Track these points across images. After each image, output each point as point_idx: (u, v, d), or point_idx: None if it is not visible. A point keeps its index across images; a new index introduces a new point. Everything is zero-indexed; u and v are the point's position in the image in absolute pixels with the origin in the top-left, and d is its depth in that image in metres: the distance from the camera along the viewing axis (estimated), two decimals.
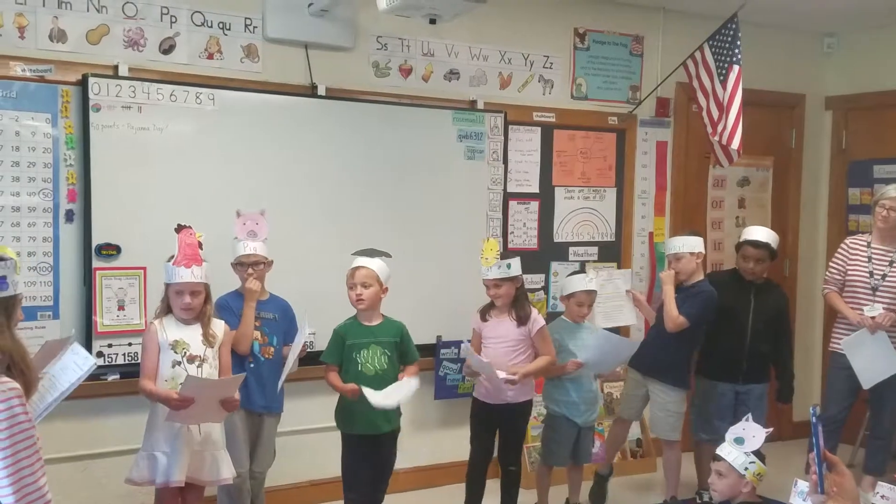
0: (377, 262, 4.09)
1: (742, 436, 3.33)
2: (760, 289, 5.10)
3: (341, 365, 4.08)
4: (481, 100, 5.29)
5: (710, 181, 6.26)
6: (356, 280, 4.06)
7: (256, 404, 4.13)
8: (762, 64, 5.98)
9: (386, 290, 4.12)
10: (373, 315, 4.12)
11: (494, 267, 4.37)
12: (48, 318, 4.19)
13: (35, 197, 4.14)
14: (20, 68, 4.08)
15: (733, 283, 5.12)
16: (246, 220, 4.09)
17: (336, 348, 4.09)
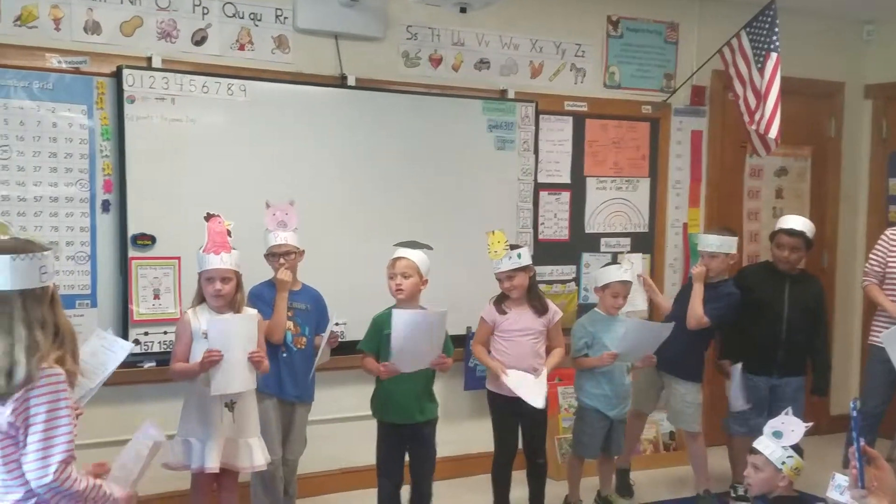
0: (418, 253, 4.10)
1: (781, 430, 3.31)
2: (796, 279, 5.02)
3: (378, 354, 4.10)
4: (512, 89, 5.27)
5: (746, 171, 6.18)
6: (396, 270, 4.07)
7: (288, 393, 4.17)
8: (800, 51, 5.89)
9: (426, 281, 4.12)
10: (411, 306, 4.12)
11: (505, 258, 4.34)
12: (86, 306, 4.27)
13: (72, 187, 4.22)
14: (56, 60, 4.16)
15: (767, 275, 5.06)
16: (275, 210, 4.12)
17: (374, 337, 4.11)
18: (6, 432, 2.37)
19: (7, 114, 4.06)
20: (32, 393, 2.37)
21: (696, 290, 4.81)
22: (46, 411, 2.37)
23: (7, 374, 2.36)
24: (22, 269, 2.43)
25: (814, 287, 5.12)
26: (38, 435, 2.36)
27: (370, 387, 4.23)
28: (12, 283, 2.42)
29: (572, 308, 5.50)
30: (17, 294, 2.42)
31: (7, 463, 2.39)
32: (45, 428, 2.36)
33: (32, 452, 2.36)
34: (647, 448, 5.61)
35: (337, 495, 4.88)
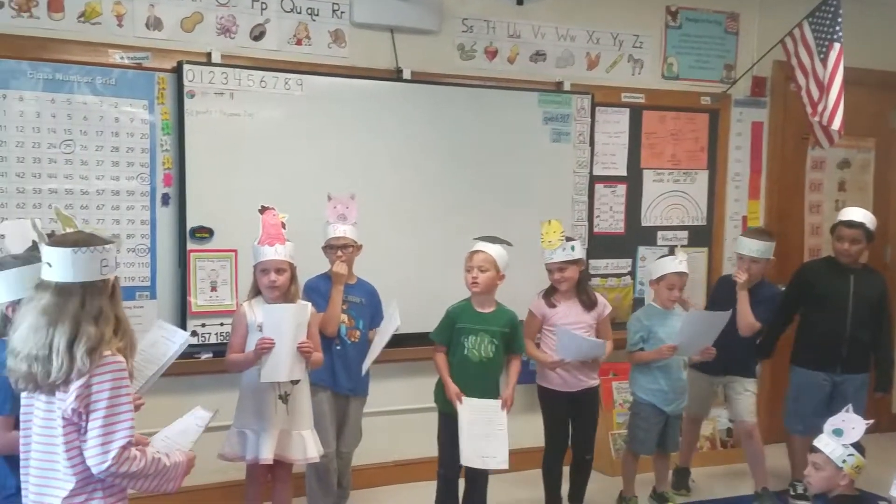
0: (496, 248, 4.10)
1: (841, 427, 3.26)
2: (859, 274, 4.93)
3: (449, 346, 4.12)
4: (568, 81, 5.24)
5: (808, 163, 6.07)
6: (473, 263, 4.08)
7: (342, 386, 4.20)
8: (864, 41, 5.75)
9: (502, 276, 4.12)
10: (486, 301, 4.14)
11: (559, 249, 4.32)
12: (146, 298, 4.35)
13: (133, 181, 4.29)
14: (118, 56, 4.22)
15: (830, 270, 4.98)
16: (336, 203, 4.15)
17: (446, 329, 4.13)
18: (69, 419, 2.42)
19: (71, 109, 4.14)
20: (95, 379, 2.41)
21: (742, 298, 4.73)
22: (108, 398, 2.41)
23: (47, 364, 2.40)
24: (84, 262, 2.46)
25: (877, 282, 5.02)
26: (99, 420, 2.40)
27: (422, 379, 4.25)
28: (74, 275, 2.46)
29: (627, 302, 5.46)
30: (78, 286, 2.46)
31: (69, 450, 2.43)
32: (107, 414, 2.40)
33: (93, 438, 2.40)
34: (703, 445, 5.54)
35: (389, 488, 4.91)
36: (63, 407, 2.41)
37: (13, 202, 4.07)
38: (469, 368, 4.07)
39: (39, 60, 4.08)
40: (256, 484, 3.99)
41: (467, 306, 4.15)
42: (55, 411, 2.43)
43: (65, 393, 2.41)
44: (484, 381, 4.11)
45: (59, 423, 2.43)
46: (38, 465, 2.49)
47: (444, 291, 4.31)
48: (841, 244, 4.89)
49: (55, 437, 2.45)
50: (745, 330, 4.73)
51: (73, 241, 2.51)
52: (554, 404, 4.44)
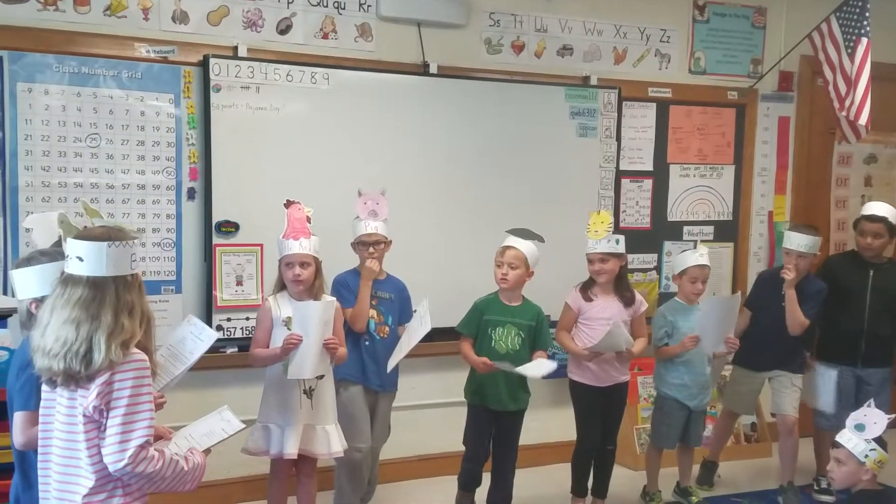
0: (528, 244, 4.10)
1: (863, 422, 3.25)
2: (880, 269, 4.92)
3: (476, 337, 4.13)
4: (595, 75, 5.21)
5: (834, 158, 6.02)
6: (504, 259, 4.09)
7: (372, 382, 4.18)
8: (892, 36, 5.73)
9: (531, 273, 4.12)
10: (513, 295, 4.15)
11: (604, 240, 4.30)
12: (171, 292, 4.34)
13: (159, 175, 4.29)
14: (145, 49, 4.22)
15: (850, 264, 4.98)
16: (367, 199, 4.12)
17: (473, 320, 4.14)
18: (90, 416, 2.40)
19: (97, 102, 4.13)
20: (117, 377, 2.39)
21: (791, 297, 4.70)
22: (129, 395, 2.39)
23: (86, 359, 2.38)
24: (116, 256, 2.46)
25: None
26: (118, 419, 2.38)
27: (449, 373, 4.24)
28: (107, 269, 2.45)
29: (653, 297, 5.44)
30: (110, 280, 2.45)
31: (90, 447, 2.42)
32: (126, 412, 2.38)
33: (112, 436, 2.38)
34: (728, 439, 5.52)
35: (414, 482, 4.90)
36: (85, 404, 2.39)
37: (39, 196, 4.06)
38: (495, 360, 4.07)
39: (65, 54, 4.07)
40: (281, 478, 3.99)
41: (495, 299, 4.16)
42: (77, 408, 2.42)
43: (87, 390, 2.40)
44: (510, 375, 4.10)
45: (80, 421, 2.42)
46: (61, 461, 2.47)
47: (470, 286, 4.30)
48: (863, 238, 4.89)
49: (77, 434, 2.43)
50: (795, 328, 4.72)
51: (105, 235, 2.49)
52: (586, 398, 4.43)
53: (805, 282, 4.78)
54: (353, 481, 4.19)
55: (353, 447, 4.10)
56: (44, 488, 2.53)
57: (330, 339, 3.77)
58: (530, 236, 4.13)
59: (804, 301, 4.72)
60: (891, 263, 5.01)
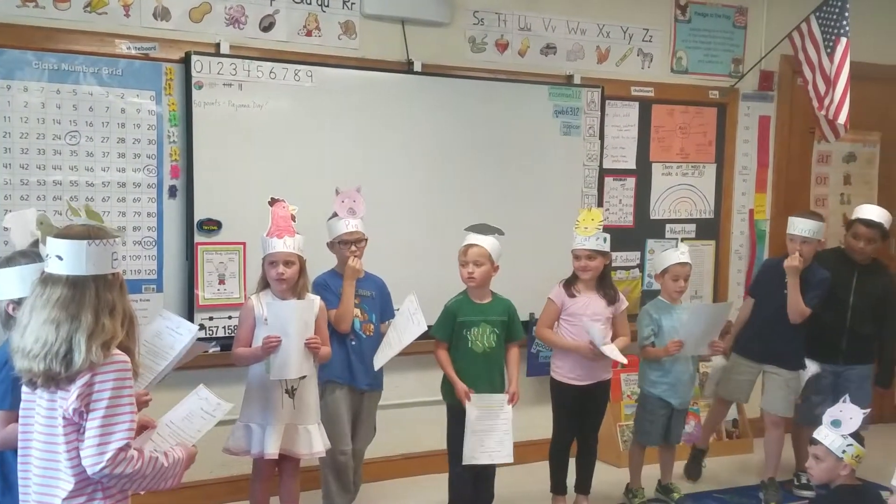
0: (490, 240, 4.09)
1: (839, 418, 3.29)
2: (866, 268, 4.94)
3: (450, 341, 4.12)
4: (578, 74, 5.22)
5: (814, 157, 6.07)
6: (468, 258, 4.08)
7: (361, 381, 4.16)
8: (870, 36, 5.78)
9: (497, 268, 4.13)
10: (483, 293, 4.15)
11: (592, 238, 4.31)
12: (152, 290, 4.30)
13: (140, 173, 4.24)
14: (125, 46, 4.17)
15: (838, 262, 4.98)
16: (344, 197, 4.10)
17: (447, 325, 4.13)
18: (70, 419, 2.37)
19: (76, 99, 4.08)
20: (98, 378, 2.36)
21: (793, 285, 4.67)
22: (109, 397, 2.36)
23: (66, 359, 2.35)
24: (96, 255, 2.43)
25: (884, 277, 5.03)
26: (97, 421, 2.35)
27: (431, 372, 4.23)
28: (87, 268, 2.41)
29: (636, 295, 5.46)
30: (90, 279, 2.42)
31: (70, 450, 2.39)
32: (106, 414, 2.35)
33: (91, 438, 2.35)
34: None
35: (399, 481, 4.89)
36: (65, 406, 2.36)
37: (17, 194, 4.01)
38: (474, 360, 4.10)
39: (45, 51, 4.02)
40: (262, 478, 3.97)
41: (465, 300, 4.16)
42: (57, 409, 2.39)
43: (66, 391, 2.36)
44: (489, 370, 4.14)
45: (60, 423, 2.39)
46: (41, 464, 2.44)
47: (454, 285, 4.27)
48: (856, 242, 4.90)
49: (56, 437, 2.40)
50: (795, 317, 4.70)
51: (86, 233, 2.46)
52: (566, 397, 4.45)
53: (808, 271, 4.74)
54: (340, 484, 4.17)
55: (338, 450, 4.09)
56: (24, 491, 2.50)
57: (311, 339, 3.75)
58: (490, 231, 4.12)
59: (807, 290, 4.69)
60: (876, 264, 5.03)
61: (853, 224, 4.94)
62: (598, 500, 4.68)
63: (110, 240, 2.47)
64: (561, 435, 4.53)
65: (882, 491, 3.91)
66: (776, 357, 4.84)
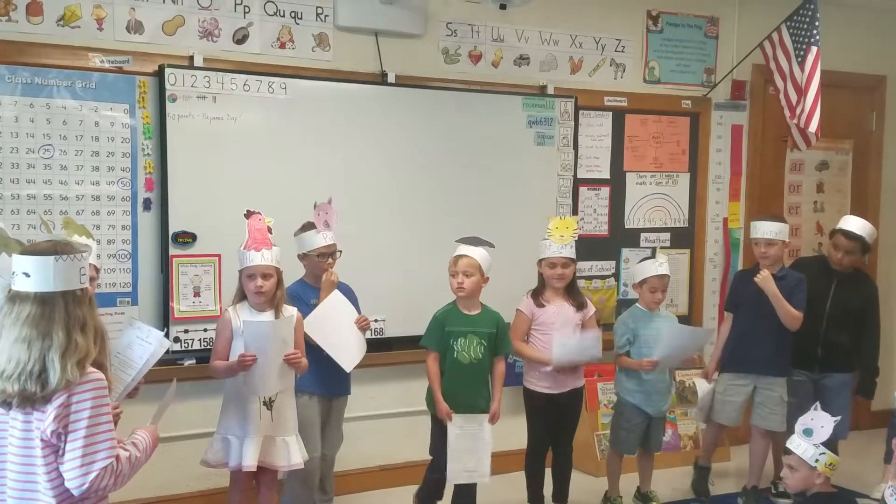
0: (480, 251, 4.11)
1: (811, 427, 3.30)
2: (845, 278, 4.97)
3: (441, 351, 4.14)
4: (551, 85, 5.25)
5: (787, 165, 6.13)
6: (458, 268, 4.10)
7: (331, 390, 4.17)
8: (841, 45, 5.85)
9: (487, 279, 4.15)
10: (472, 304, 4.16)
11: (567, 246, 4.35)
12: (127, 304, 4.28)
13: (114, 186, 4.24)
14: (99, 59, 4.17)
15: (818, 270, 5.02)
16: (320, 210, 4.12)
17: (436, 334, 4.14)
18: (48, 440, 2.35)
19: (50, 113, 4.08)
20: (75, 398, 2.35)
21: (774, 293, 4.65)
22: (89, 416, 2.35)
23: (41, 379, 2.33)
24: (64, 271, 2.41)
25: (863, 287, 5.07)
26: (80, 441, 2.34)
27: (409, 383, 4.23)
28: (55, 284, 2.40)
29: (612, 304, 5.49)
30: (59, 295, 2.40)
31: (49, 472, 2.37)
32: (87, 434, 2.34)
33: (73, 459, 2.34)
34: (686, 444, 5.57)
35: (375, 492, 4.87)
36: (42, 428, 2.34)
37: None
38: (460, 371, 4.10)
39: (17, 65, 4.01)
40: (240, 491, 3.95)
41: (454, 310, 4.17)
42: (33, 431, 2.36)
43: (42, 412, 2.34)
44: (475, 382, 4.15)
45: (38, 445, 2.36)
46: (17, 485, 2.41)
47: (430, 295, 4.30)
48: (836, 252, 4.95)
49: (34, 458, 2.38)
50: (791, 323, 4.68)
51: (53, 248, 2.44)
52: (540, 406, 4.46)
53: (784, 278, 4.77)
54: (305, 490, 4.17)
55: None
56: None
57: (291, 355, 3.76)
58: (480, 243, 4.15)
59: (791, 295, 4.70)
60: (857, 273, 5.06)
61: (835, 234, 4.98)
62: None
63: (77, 255, 2.45)
64: (536, 445, 4.54)
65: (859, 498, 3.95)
66: (768, 365, 4.79)
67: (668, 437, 5.24)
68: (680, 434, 5.58)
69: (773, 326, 4.72)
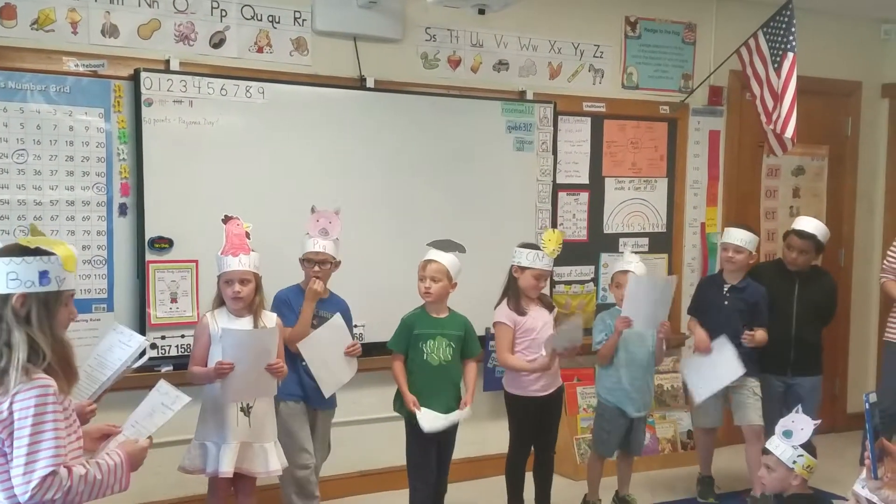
0: (449, 257, 4.11)
1: (791, 428, 3.33)
2: (806, 277, 5.01)
3: (407, 354, 4.13)
4: (530, 90, 5.26)
5: (763, 171, 6.16)
6: (426, 273, 4.10)
7: (314, 401, 4.13)
8: (817, 51, 5.89)
9: (455, 285, 4.15)
10: (440, 307, 4.18)
11: (550, 259, 4.38)
12: (102, 310, 4.24)
13: (89, 191, 4.19)
14: (73, 63, 4.13)
15: (776, 273, 5.07)
16: (320, 217, 4.08)
17: (403, 337, 4.14)
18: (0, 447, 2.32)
19: (23, 118, 4.03)
20: (17, 405, 2.30)
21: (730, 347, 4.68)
22: (31, 424, 2.29)
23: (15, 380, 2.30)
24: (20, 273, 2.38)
25: (824, 283, 5.13)
26: (23, 448, 2.29)
27: (388, 388, 4.21)
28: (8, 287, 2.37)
29: (591, 308, 5.49)
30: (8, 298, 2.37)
31: (4, 480, 2.33)
32: (30, 441, 2.29)
33: (17, 466, 2.29)
34: (665, 447, 5.59)
35: (357, 497, 4.86)
36: None
37: None
38: (429, 373, 4.11)
39: None
40: (218, 498, 3.92)
41: (422, 313, 4.18)
42: None
43: None
44: (444, 383, 4.16)
45: None
46: None
47: (407, 300, 4.27)
48: (790, 252, 4.99)
49: None
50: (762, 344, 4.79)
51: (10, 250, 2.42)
52: (523, 410, 4.46)
53: (746, 290, 4.83)
54: (303, 499, 4.13)
55: (298, 464, 4.06)
56: None
57: (273, 365, 3.73)
58: (451, 248, 4.14)
59: (755, 314, 4.79)
60: (815, 271, 5.12)
61: (788, 234, 5.03)
62: None
63: (37, 258, 2.41)
64: (518, 449, 4.54)
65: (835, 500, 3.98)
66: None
67: (647, 440, 5.24)
68: (658, 437, 5.59)
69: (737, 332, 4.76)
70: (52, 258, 2.45)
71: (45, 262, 2.43)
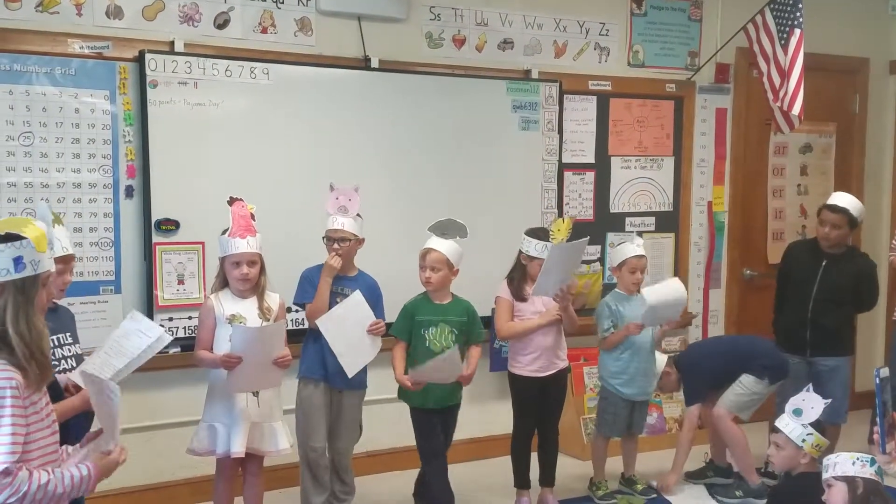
0: (449, 245, 4.08)
1: (801, 407, 3.33)
2: (834, 259, 4.95)
3: (409, 341, 4.13)
4: (536, 69, 5.23)
5: (770, 148, 6.13)
6: (427, 262, 4.09)
7: (336, 381, 4.11)
8: (824, 27, 5.84)
9: (456, 272, 4.13)
10: (443, 294, 4.16)
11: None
12: (110, 292, 4.26)
13: (95, 173, 4.20)
14: (78, 45, 4.12)
15: (806, 252, 5.05)
16: (339, 194, 4.06)
17: (405, 324, 4.14)
18: None
19: (29, 100, 4.03)
20: None
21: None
22: None
23: None
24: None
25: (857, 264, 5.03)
26: None
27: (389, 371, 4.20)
28: None
29: (597, 288, 5.49)
30: None
31: None
32: None
33: None
34: (672, 427, 5.59)
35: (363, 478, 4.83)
36: None
37: None
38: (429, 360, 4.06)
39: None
40: (226, 478, 3.94)
41: (424, 300, 4.17)
42: None
43: None
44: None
45: None
46: None
47: (412, 281, 4.27)
48: (822, 227, 4.95)
49: None
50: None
51: None
52: (526, 390, 4.47)
53: None
54: (315, 482, 4.14)
55: (308, 446, 4.08)
56: None
57: (280, 358, 3.74)
58: (453, 231, 4.10)
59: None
60: (850, 253, 5.05)
61: (821, 210, 4.99)
62: (562, 492, 4.70)
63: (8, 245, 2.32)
64: (522, 429, 4.55)
65: None
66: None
67: (653, 419, 5.26)
68: (665, 417, 5.60)
69: None
70: (24, 242, 2.34)
71: (17, 248, 2.33)
